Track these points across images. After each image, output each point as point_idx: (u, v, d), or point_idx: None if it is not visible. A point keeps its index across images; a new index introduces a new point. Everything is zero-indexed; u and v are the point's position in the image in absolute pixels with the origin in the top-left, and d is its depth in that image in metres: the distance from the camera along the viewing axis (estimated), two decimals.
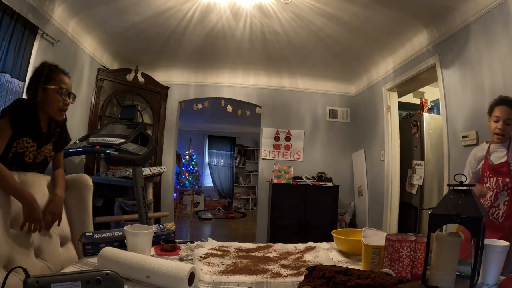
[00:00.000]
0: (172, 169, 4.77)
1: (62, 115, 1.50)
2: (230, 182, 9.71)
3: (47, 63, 1.49)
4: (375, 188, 4.19)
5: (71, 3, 2.91)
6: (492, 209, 1.78)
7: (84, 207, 1.49)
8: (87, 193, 1.51)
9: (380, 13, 2.89)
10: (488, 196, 1.80)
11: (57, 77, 1.45)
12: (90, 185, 1.53)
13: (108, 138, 3.05)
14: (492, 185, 1.81)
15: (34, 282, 0.73)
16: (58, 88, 1.43)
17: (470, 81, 2.60)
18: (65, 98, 1.46)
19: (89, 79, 3.80)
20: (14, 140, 1.36)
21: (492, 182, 1.80)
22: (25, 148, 1.40)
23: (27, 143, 1.40)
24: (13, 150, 1.37)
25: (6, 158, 1.34)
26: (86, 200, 1.50)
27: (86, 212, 1.49)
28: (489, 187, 1.82)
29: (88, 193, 1.51)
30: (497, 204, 1.77)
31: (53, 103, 1.43)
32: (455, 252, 0.95)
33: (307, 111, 4.94)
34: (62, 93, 1.45)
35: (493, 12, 2.34)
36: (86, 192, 1.51)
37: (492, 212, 1.78)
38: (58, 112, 1.46)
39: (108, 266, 0.96)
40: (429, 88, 4.18)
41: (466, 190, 0.97)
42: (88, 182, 1.54)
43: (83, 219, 1.48)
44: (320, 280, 0.88)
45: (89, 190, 1.52)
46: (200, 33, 3.49)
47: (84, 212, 1.48)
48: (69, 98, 1.49)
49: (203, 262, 1.17)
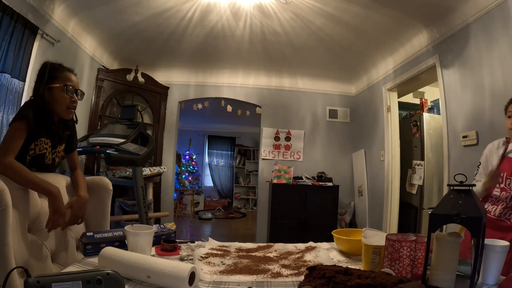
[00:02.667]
0: (172, 169, 4.77)
1: (70, 113, 1.46)
2: (230, 182, 9.71)
3: (50, 62, 1.45)
4: (375, 188, 4.19)
5: (71, 3, 2.91)
6: (505, 210, 1.76)
7: (103, 211, 1.45)
8: (106, 197, 1.47)
9: (380, 13, 2.89)
10: (503, 197, 1.77)
11: (61, 74, 1.42)
12: (110, 189, 1.50)
13: (108, 138, 3.05)
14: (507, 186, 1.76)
15: (35, 282, 0.73)
16: (63, 85, 1.40)
17: (470, 81, 2.60)
18: (71, 95, 1.42)
19: (89, 79, 3.80)
20: (31, 142, 1.33)
21: (508, 183, 1.76)
22: (45, 150, 1.38)
23: (45, 144, 1.37)
24: (31, 153, 1.34)
25: (24, 160, 1.31)
26: (105, 205, 1.46)
27: (104, 216, 1.45)
28: (504, 188, 1.78)
29: (108, 197, 1.48)
30: (511, 204, 1.74)
31: (60, 101, 1.39)
32: (455, 252, 0.95)
33: (307, 111, 4.94)
34: (68, 90, 1.40)
35: (493, 12, 2.34)
36: (106, 196, 1.47)
37: (505, 212, 1.76)
38: (66, 110, 1.42)
39: (109, 266, 0.96)
40: (429, 88, 4.18)
41: (466, 190, 0.97)
42: (108, 186, 1.51)
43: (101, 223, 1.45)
44: (321, 280, 0.88)
45: (109, 194, 1.49)
46: (200, 33, 3.49)
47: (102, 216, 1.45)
48: (77, 95, 1.45)
49: (203, 262, 1.17)
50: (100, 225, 1.46)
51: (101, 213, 1.43)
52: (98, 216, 1.44)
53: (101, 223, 1.45)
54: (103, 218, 1.44)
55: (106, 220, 1.46)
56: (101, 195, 1.46)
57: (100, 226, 1.46)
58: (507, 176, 1.77)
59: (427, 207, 3.64)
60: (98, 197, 1.46)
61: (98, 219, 1.44)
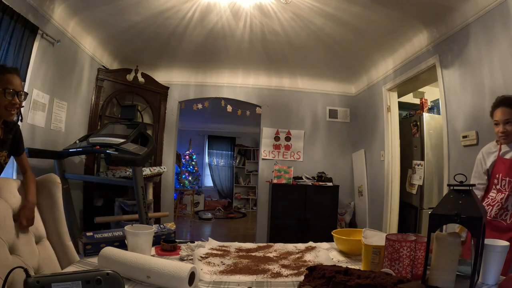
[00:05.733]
0: (172, 169, 4.77)
1: (11, 114, 1.44)
2: (230, 182, 9.71)
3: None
4: (375, 188, 4.19)
5: (71, 3, 2.91)
6: (501, 210, 1.76)
7: (55, 204, 1.52)
8: (56, 191, 1.54)
9: (380, 13, 2.89)
10: (499, 198, 1.78)
11: (2, 77, 1.40)
12: (58, 183, 1.56)
13: (108, 138, 3.05)
14: (503, 187, 1.78)
15: (34, 282, 0.73)
16: (2, 89, 1.38)
17: (470, 81, 2.60)
18: (11, 98, 1.40)
19: (89, 79, 3.80)
20: None
21: (503, 184, 1.78)
22: None
23: None
24: None
25: None
26: (56, 198, 1.53)
27: (57, 209, 1.53)
28: (500, 189, 1.80)
29: (57, 191, 1.55)
30: (506, 205, 1.75)
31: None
32: (455, 252, 0.95)
33: (307, 111, 4.94)
34: (7, 93, 1.38)
35: (493, 12, 2.34)
36: (55, 190, 1.54)
37: (500, 213, 1.76)
38: (5, 112, 1.41)
39: (109, 266, 0.96)
40: (429, 88, 4.19)
41: (466, 190, 0.97)
42: (56, 180, 1.56)
43: (56, 217, 1.52)
44: (320, 280, 0.88)
45: (58, 187, 1.55)
46: (200, 33, 3.49)
47: (55, 209, 1.52)
48: (19, 97, 1.43)
49: (203, 262, 1.17)
50: (56, 218, 1.52)
51: (53, 206, 1.51)
52: (51, 209, 1.52)
53: (56, 215, 1.51)
54: (57, 211, 1.52)
55: (60, 212, 1.53)
56: (50, 190, 1.53)
57: (56, 219, 1.52)
58: (502, 177, 1.79)
59: (427, 207, 3.64)
60: (49, 192, 1.53)
61: (52, 213, 1.52)
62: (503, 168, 1.80)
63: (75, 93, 3.54)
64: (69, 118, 3.42)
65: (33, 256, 1.34)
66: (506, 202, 1.75)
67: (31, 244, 1.38)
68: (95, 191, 3.81)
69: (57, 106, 3.18)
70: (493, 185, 1.84)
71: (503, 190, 1.77)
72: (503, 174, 1.79)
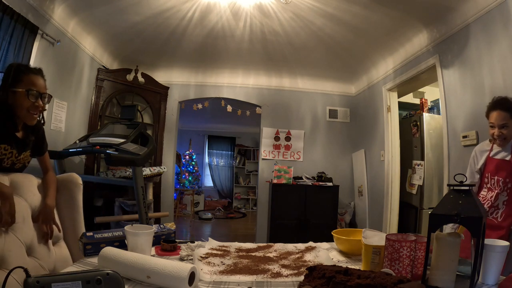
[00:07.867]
0: (172, 169, 4.77)
1: (33, 118, 1.39)
2: (230, 182, 9.71)
3: (15, 64, 1.40)
4: (375, 188, 4.19)
5: (71, 3, 2.91)
6: (491, 209, 1.80)
7: (75, 206, 1.49)
8: (77, 192, 1.51)
9: (380, 13, 2.89)
10: (489, 196, 1.81)
11: (26, 77, 1.35)
12: (79, 184, 1.52)
13: (108, 138, 3.05)
14: (493, 186, 1.81)
15: (34, 282, 0.73)
16: (25, 91, 1.33)
17: (470, 81, 2.60)
18: (35, 100, 1.35)
19: (89, 79, 3.80)
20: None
21: (493, 183, 1.81)
22: (3, 155, 1.35)
23: (4, 150, 1.34)
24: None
25: None
26: (77, 200, 1.50)
27: (77, 211, 1.49)
28: (490, 187, 1.83)
29: (78, 192, 1.51)
30: (497, 204, 1.78)
31: (21, 106, 1.34)
32: (455, 252, 0.95)
33: (307, 111, 4.94)
34: (30, 94, 1.34)
35: (493, 12, 2.34)
36: (76, 191, 1.51)
37: (491, 211, 1.79)
38: (28, 114, 1.36)
39: (109, 266, 0.96)
40: (429, 88, 4.18)
41: (466, 190, 0.97)
42: (78, 180, 1.53)
43: (74, 218, 1.49)
44: (320, 280, 0.88)
45: (79, 188, 1.52)
46: (200, 33, 3.49)
47: (75, 211, 1.49)
48: (42, 99, 1.39)
49: (203, 262, 1.17)
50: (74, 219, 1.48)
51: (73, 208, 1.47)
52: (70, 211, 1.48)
53: (74, 217, 1.48)
54: (76, 212, 1.48)
55: (79, 214, 1.49)
56: (71, 190, 1.49)
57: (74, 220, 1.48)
58: (491, 176, 1.82)
59: (427, 207, 3.64)
60: (69, 192, 1.49)
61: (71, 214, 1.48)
62: (492, 168, 1.85)
63: (75, 93, 3.54)
64: (69, 118, 3.43)
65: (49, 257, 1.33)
66: (496, 200, 1.78)
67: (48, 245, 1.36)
68: (95, 191, 3.81)
69: (57, 106, 3.19)
70: (484, 183, 1.88)
71: (493, 189, 1.81)
72: (491, 174, 1.83)
